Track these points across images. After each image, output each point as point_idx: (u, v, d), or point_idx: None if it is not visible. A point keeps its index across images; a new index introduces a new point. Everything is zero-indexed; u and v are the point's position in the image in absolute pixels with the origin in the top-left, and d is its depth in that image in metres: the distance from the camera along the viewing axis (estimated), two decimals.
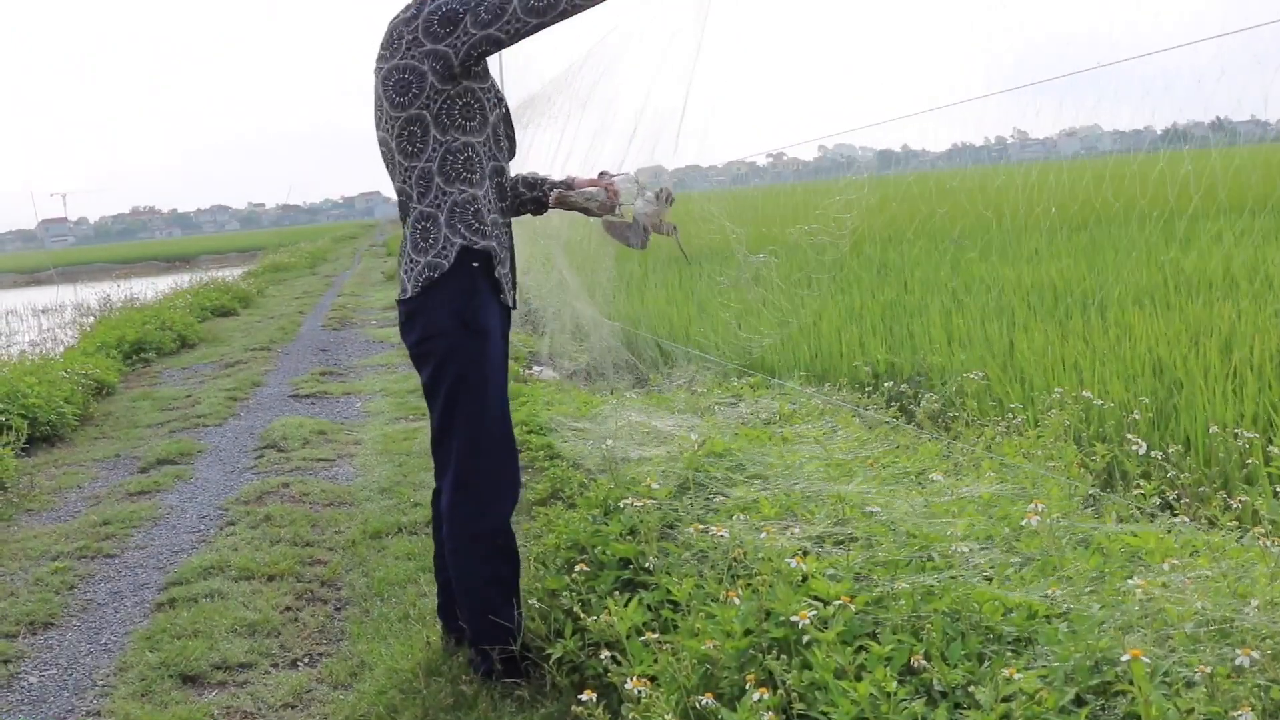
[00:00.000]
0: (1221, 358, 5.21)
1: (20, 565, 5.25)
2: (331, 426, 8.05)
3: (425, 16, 3.23)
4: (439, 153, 3.32)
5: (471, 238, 3.34)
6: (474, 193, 3.36)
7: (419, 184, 3.36)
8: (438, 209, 3.34)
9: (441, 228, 3.33)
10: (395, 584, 4.61)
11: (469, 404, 3.36)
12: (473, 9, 3.17)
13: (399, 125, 3.33)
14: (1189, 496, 4.18)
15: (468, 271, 3.34)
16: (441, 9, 3.21)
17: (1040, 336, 6.29)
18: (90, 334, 13.18)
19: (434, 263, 3.33)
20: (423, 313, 3.38)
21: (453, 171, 3.33)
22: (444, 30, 3.20)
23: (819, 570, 3.02)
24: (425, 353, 3.42)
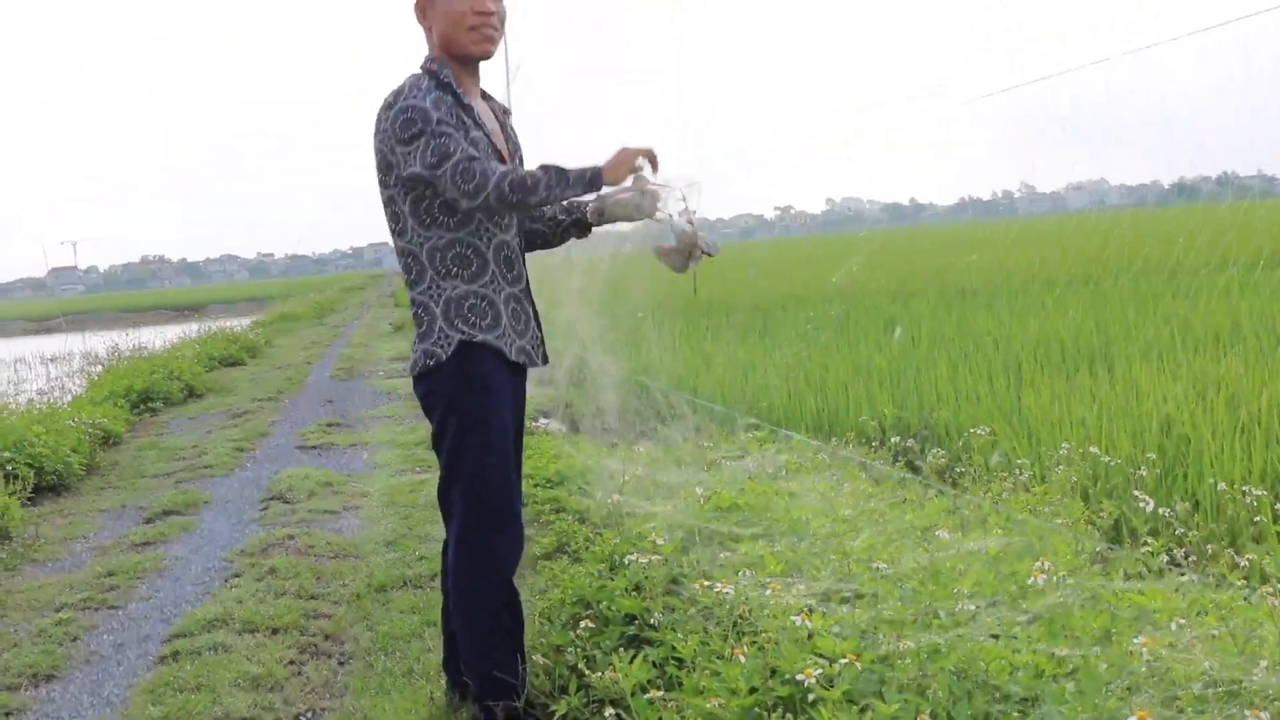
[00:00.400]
0: (1229, 413, 5.21)
1: (24, 616, 5.24)
2: (338, 478, 8.04)
3: (395, 112, 3.21)
4: (424, 245, 3.31)
5: (470, 331, 3.31)
6: (470, 288, 3.32)
7: (410, 265, 3.36)
8: (432, 300, 3.33)
9: (437, 319, 3.32)
10: (400, 638, 4.59)
11: (472, 457, 3.36)
12: (427, 137, 3.15)
13: (384, 201, 3.37)
14: (1197, 554, 4.16)
15: (468, 359, 3.32)
16: (408, 113, 3.19)
17: (1047, 391, 6.28)
18: (98, 383, 13.20)
19: (432, 351, 3.33)
20: (429, 374, 3.39)
21: (443, 267, 3.31)
22: (405, 134, 3.18)
23: (824, 628, 3.00)
24: (432, 404, 3.42)
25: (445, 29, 3.36)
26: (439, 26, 3.36)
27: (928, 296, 10.24)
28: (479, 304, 3.33)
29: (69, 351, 23.45)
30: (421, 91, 3.22)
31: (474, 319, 3.31)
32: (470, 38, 3.37)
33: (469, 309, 3.31)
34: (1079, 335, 7.73)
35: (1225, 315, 7.45)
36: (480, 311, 3.33)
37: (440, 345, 3.31)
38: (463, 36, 3.36)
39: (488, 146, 3.35)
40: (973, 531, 4.16)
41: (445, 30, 3.36)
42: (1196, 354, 6.47)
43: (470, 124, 3.30)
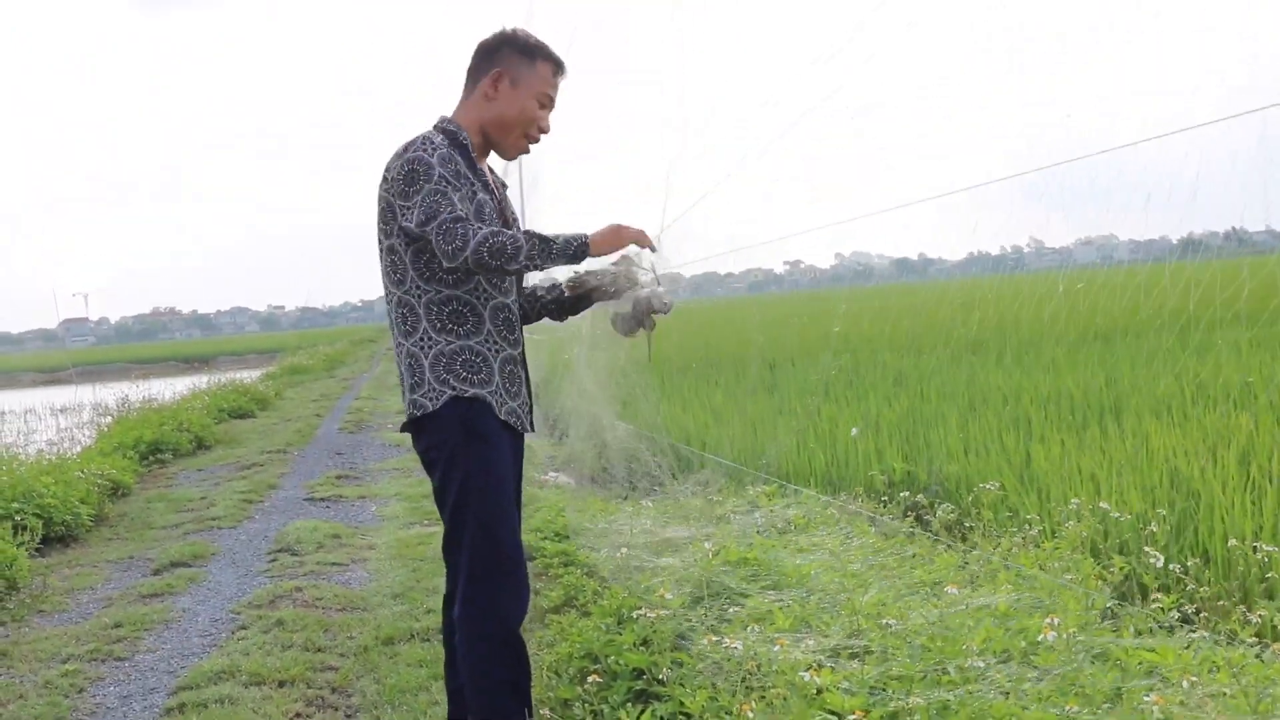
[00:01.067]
0: (1240, 469, 5.19)
1: (30, 667, 5.23)
2: (346, 530, 8.03)
3: (400, 165, 3.24)
4: (422, 297, 3.31)
5: (460, 387, 3.30)
6: (465, 343, 3.32)
7: (405, 315, 3.35)
8: (422, 352, 3.32)
9: (426, 372, 3.32)
10: (407, 691, 4.57)
11: (477, 509, 3.35)
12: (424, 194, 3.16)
13: (384, 250, 3.35)
14: (1208, 610, 4.14)
15: (464, 412, 3.31)
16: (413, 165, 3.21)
17: (1057, 447, 6.28)
18: (107, 434, 13.23)
19: (420, 402, 3.32)
20: (425, 429, 3.38)
21: (439, 321, 3.31)
22: (407, 187, 3.20)
23: (833, 683, 2.99)
24: (433, 460, 3.41)
25: (506, 115, 3.40)
26: (503, 109, 3.40)
27: (936, 351, 10.25)
28: (472, 359, 3.32)
29: (79, 402, 23.51)
30: (432, 147, 3.25)
31: (465, 374, 3.31)
32: (518, 144, 3.47)
33: (461, 364, 3.31)
34: (1088, 390, 7.72)
35: (1235, 371, 7.45)
36: (473, 367, 3.32)
37: (429, 397, 3.31)
38: (513, 137, 3.44)
39: (494, 210, 3.38)
40: (982, 587, 4.14)
41: (505, 116, 3.40)
42: (1207, 409, 6.46)
43: (479, 186, 3.33)
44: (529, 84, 3.40)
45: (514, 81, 3.39)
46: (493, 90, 3.40)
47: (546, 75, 3.44)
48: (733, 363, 13.63)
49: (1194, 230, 4.09)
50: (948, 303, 5.74)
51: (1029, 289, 5.41)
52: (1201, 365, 7.60)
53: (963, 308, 5.68)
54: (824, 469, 7.58)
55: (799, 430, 8.32)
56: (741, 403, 10.33)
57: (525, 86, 3.40)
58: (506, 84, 3.39)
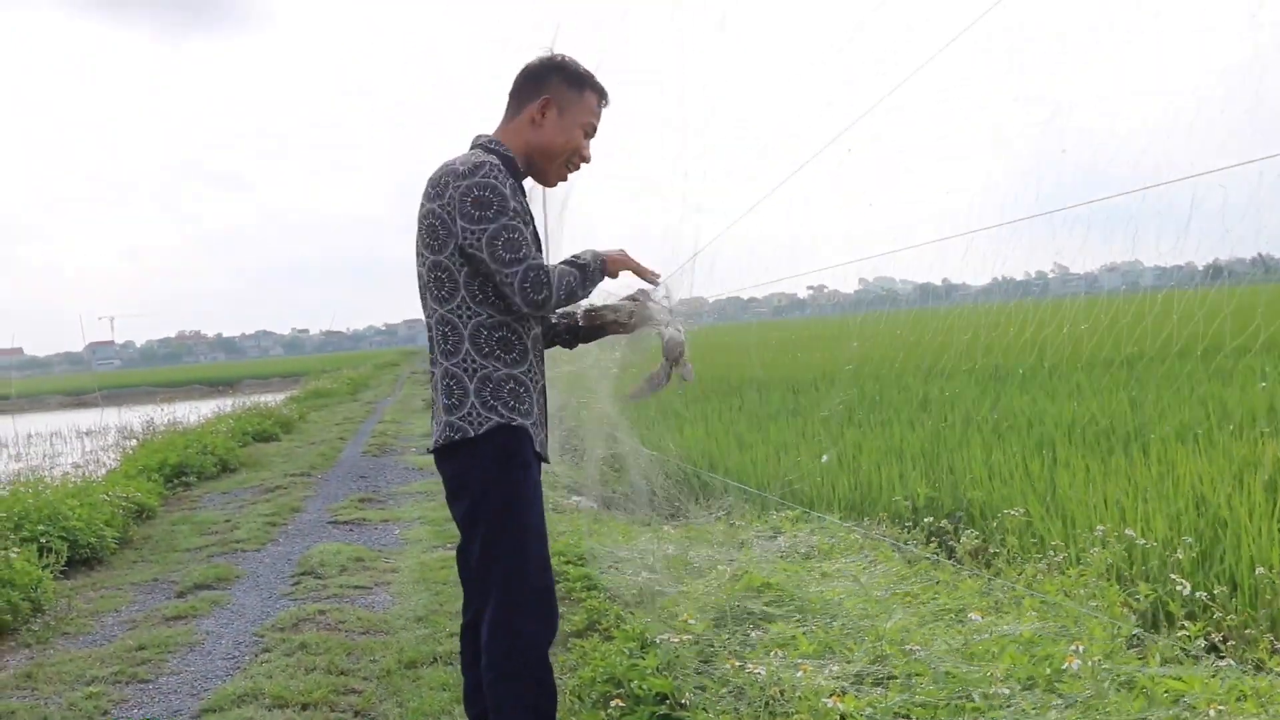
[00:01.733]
0: (1266, 496, 5.16)
1: (55, 689, 5.25)
2: (369, 554, 8.05)
3: (469, 185, 3.18)
4: (471, 319, 3.27)
5: (508, 415, 3.27)
6: (511, 372, 3.30)
7: (447, 335, 3.31)
8: (466, 374, 3.28)
9: (470, 395, 3.27)
10: (429, 715, 4.57)
11: (513, 535, 3.32)
12: (500, 226, 3.14)
13: (430, 266, 3.29)
14: (1235, 639, 4.11)
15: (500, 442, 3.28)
16: (485, 192, 3.17)
17: (1082, 473, 6.25)
18: (132, 457, 13.29)
19: (459, 426, 3.28)
20: (460, 453, 3.35)
21: (486, 346, 3.28)
22: (477, 213, 3.16)
23: (857, 710, 2.98)
24: (465, 484, 3.37)
25: (554, 144, 3.40)
26: (550, 137, 3.39)
27: (960, 377, 10.23)
28: (517, 389, 3.29)
29: (104, 425, 23.66)
30: (500, 174, 3.20)
31: (513, 403, 3.27)
32: (559, 171, 3.47)
33: (508, 392, 3.28)
34: (1114, 416, 7.69)
35: (1262, 397, 7.41)
36: (520, 397, 3.29)
37: (470, 422, 3.26)
38: (555, 165, 3.44)
39: (533, 238, 3.39)
40: (1007, 614, 4.13)
41: (553, 145, 3.40)
42: (1233, 436, 6.42)
43: (529, 217, 3.33)
44: (575, 113, 3.40)
45: (561, 110, 3.38)
46: (540, 117, 3.38)
47: (592, 105, 3.44)
48: (756, 387, 13.63)
49: (1220, 257, 4.07)
50: (972, 328, 5.73)
51: (1053, 315, 5.39)
52: (1227, 392, 7.56)
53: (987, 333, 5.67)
54: (847, 494, 7.56)
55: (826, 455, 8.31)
56: (765, 427, 10.33)
57: (572, 115, 3.40)
58: (554, 112, 3.38)
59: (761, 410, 11.79)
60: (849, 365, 7.88)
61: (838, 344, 13.22)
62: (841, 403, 9.66)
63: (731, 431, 10.57)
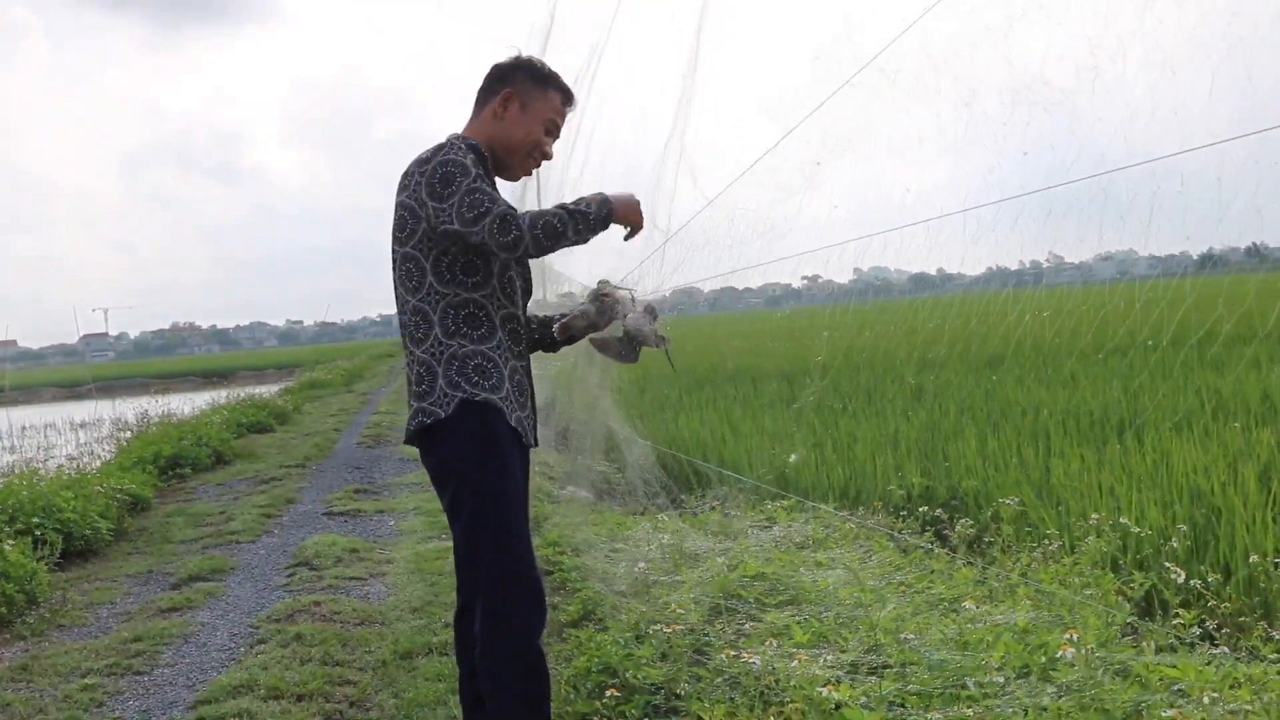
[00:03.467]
0: (1260, 485, 5.17)
1: (50, 682, 5.24)
2: (364, 545, 8.04)
3: (432, 168, 3.23)
4: (439, 302, 3.30)
5: (471, 390, 3.27)
6: (477, 348, 3.31)
7: (418, 324, 3.34)
8: (434, 359, 3.30)
9: (439, 378, 3.29)
10: (425, 705, 4.57)
11: (493, 523, 3.31)
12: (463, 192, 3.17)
13: (399, 259, 3.36)
14: (1229, 626, 4.12)
15: (476, 422, 3.29)
16: (448, 168, 3.21)
17: (1076, 461, 6.26)
18: (127, 449, 13.27)
19: (430, 410, 3.29)
20: (435, 441, 3.37)
21: (453, 325, 3.30)
22: (442, 189, 3.20)
23: (852, 699, 2.98)
24: (445, 473, 3.38)
25: (514, 138, 3.44)
26: (510, 130, 3.43)
27: (955, 366, 10.23)
28: (484, 364, 3.30)
29: (99, 417, 23.60)
30: (462, 151, 3.26)
31: (477, 378, 3.28)
32: (524, 164, 3.50)
33: (473, 368, 3.29)
34: (1108, 405, 7.70)
35: (1256, 387, 7.42)
36: (485, 372, 3.30)
37: (439, 405, 3.27)
38: (519, 159, 3.47)
39: None
40: (1002, 603, 4.13)
41: (513, 138, 3.44)
42: (1227, 425, 6.43)
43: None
44: (538, 109, 3.45)
45: (524, 105, 3.43)
46: (501, 110, 3.44)
47: (555, 103, 3.49)
48: (750, 377, 13.63)
49: (1214, 246, 4.07)
50: (966, 317, 5.72)
51: (1048, 304, 5.39)
52: (1222, 381, 7.57)
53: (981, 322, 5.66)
54: (842, 484, 7.57)
55: (817, 445, 8.31)
56: (759, 417, 10.33)
57: (534, 112, 3.45)
58: (516, 106, 3.43)
59: (756, 400, 11.80)
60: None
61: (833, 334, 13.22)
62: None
63: (726, 420, 10.57)
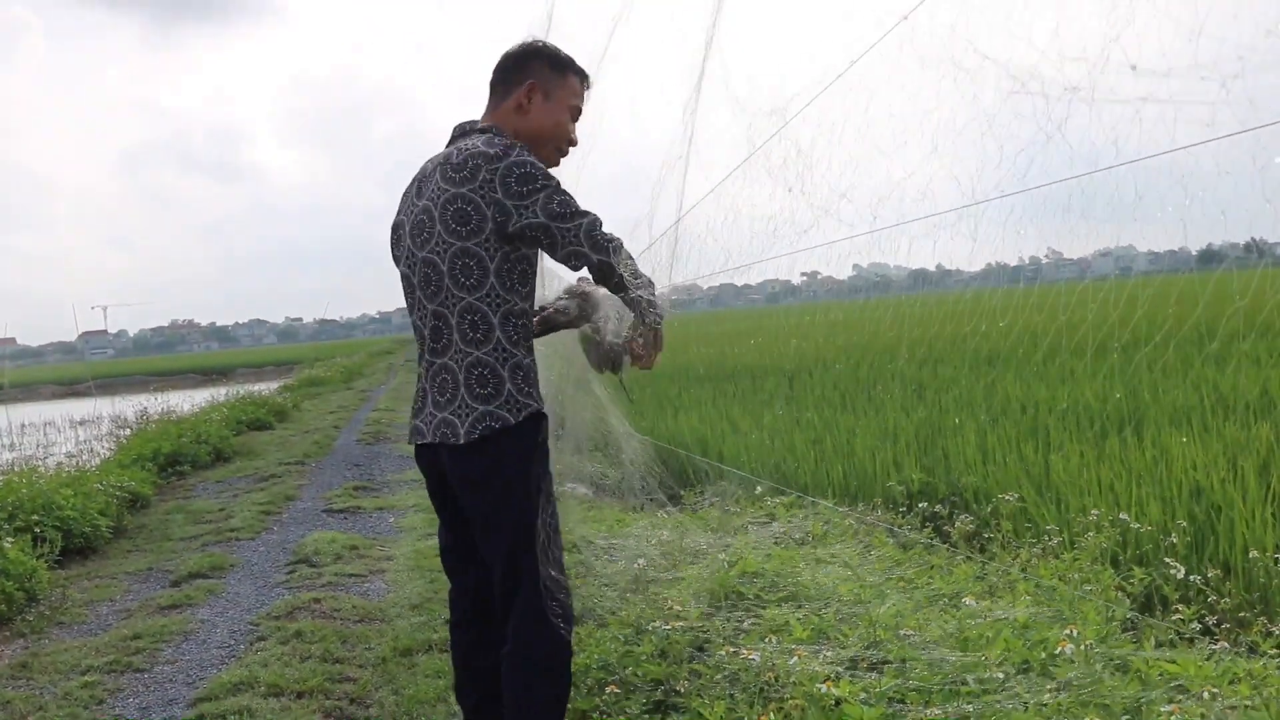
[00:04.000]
0: (1259, 480, 5.17)
1: (50, 679, 5.24)
2: (364, 542, 8.05)
3: (508, 165, 3.09)
4: (500, 307, 3.18)
5: (539, 404, 3.23)
6: (530, 359, 3.26)
7: (477, 323, 3.19)
8: (499, 363, 3.18)
9: (506, 383, 3.17)
10: (425, 702, 4.57)
11: (544, 530, 3.24)
12: (550, 191, 3.09)
13: (455, 253, 3.16)
14: (1229, 622, 4.13)
15: (534, 429, 3.22)
16: (527, 168, 3.10)
17: (1076, 457, 6.26)
18: (126, 446, 13.27)
19: (499, 415, 3.16)
20: (494, 446, 3.21)
21: (514, 334, 3.21)
22: (523, 187, 3.08)
23: (851, 695, 2.99)
24: (496, 473, 3.23)
25: (543, 129, 3.36)
26: (538, 121, 3.35)
27: (954, 362, 10.23)
28: (533, 376, 3.26)
29: (98, 415, 23.62)
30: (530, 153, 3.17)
31: (533, 391, 3.23)
32: (549, 156, 3.41)
33: (532, 380, 3.23)
34: (1107, 401, 7.70)
35: (1255, 382, 7.42)
36: (534, 383, 3.25)
37: (510, 410, 3.16)
38: (548, 148, 3.39)
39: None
40: (1001, 598, 4.13)
41: (542, 129, 3.36)
42: (1226, 421, 6.44)
43: None
44: (561, 97, 3.37)
45: (547, 94, 3.34)
46: (526, 102, 3.34)
47: (575, 88, 3.41)
48: (749, 373, 13.64)
49: (1213, 242, 4.07)
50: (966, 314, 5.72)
51: (1047, 300, 5.39)
52: (1221, 377, 7.58)
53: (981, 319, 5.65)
54: (841, 480, 7.57)
55: (817, 441, 8.32)
56: (758, 413, 10.33)
57: (558, 100, 3.36)
58: (540, 97, 3.34)
59: (755, 396, 11.80)
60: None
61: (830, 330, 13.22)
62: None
63: (726, 416, 10.57)
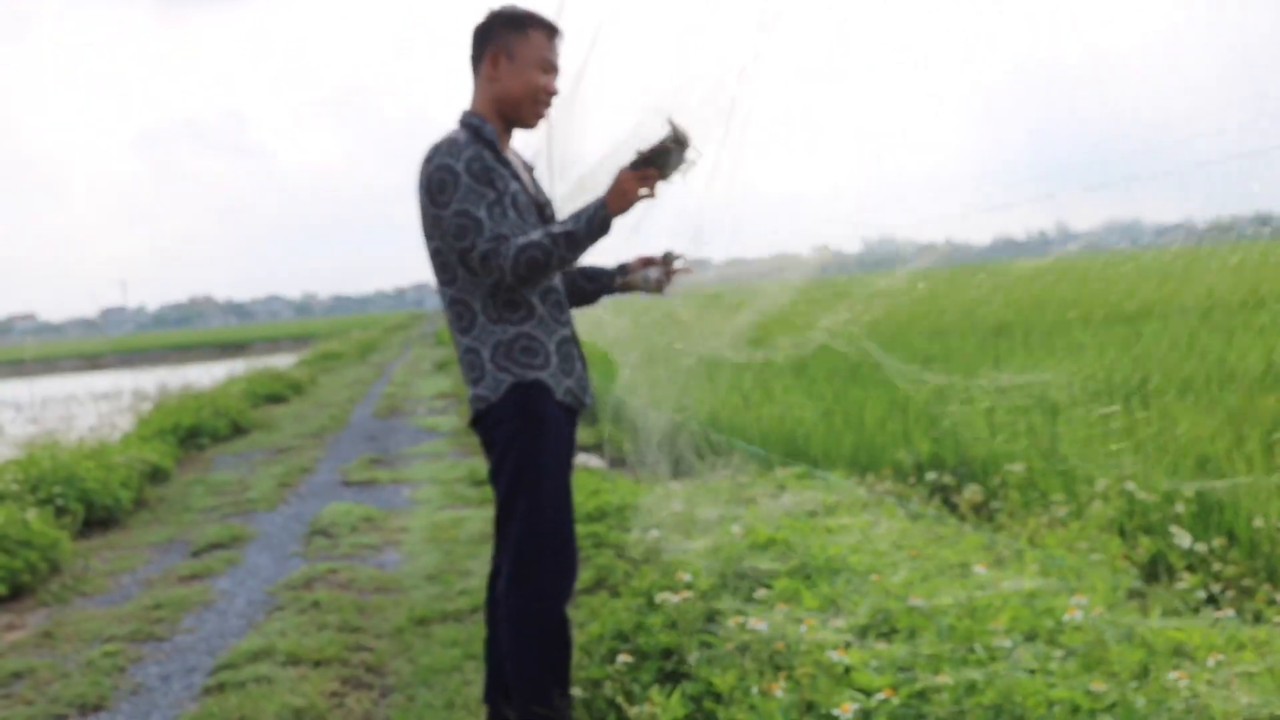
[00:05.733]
0: (1264, 450, 5.19)
1: (73, 647, 5.33)
2: (380, 514, 8.12)
3: (430, 170, 3.27)
4: (476, 291, 3.33)
5: (520, 372, 3.33)
6: (520, 329, 3.34)
7: (461, 313, 3.37)
8: (481, 345, 3.35)
9: (486, 363, 3.34)
10: (441, 671, 4.64)
11: (528, 492, 3.36)
12: (453, 212, 3.21)
13: (430, 252, 3.38)
14: (1234, 590, 4.16)
15: (516, 399, 3.34)
16: (441, 176, 3.24)
17: (1083, 429, 6.27)
18: (147, 419, 13.36)
19: (483, 396, 3.36)
20: (487, 421, 3.41)
21: (494, 312, 3.33)
22: (439, 197, 3.24)
23: (861, 663, 3.03)
24: (492, 439, 3.43)
25: (513, 91, 3.39)
26: (507, 85, 3.39)
27: (963, 334, 10.23)
28: (530, 344, 3.34)
29: (119, 389, 23.68)
30: (458, 147, 3.26)
31: (524, 360, 3.33)
32: (534, 110, 3.45)
33: (520, 350, 3.33)
34: (1114, 372, 7.70)
35: (1261, 353, 7.42)
36: (531, 351, 3.34)
37: (489, 389, 3.34)
38: (527, 107, 3.43)
39: (528, 202, 3.41)
40: (1009, 567, 4.17)
41: (513, 92, 3.39)
42: (1233, 391, 6.44)
43: (508, 176, 3.35)
44: (525, 55, 3.39)
45: (510, 55, 3.38)
46: (493, 70, 3.39)
47: (541, 42, 3.41)
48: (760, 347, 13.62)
49: (1221, 214, 4.09)
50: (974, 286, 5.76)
51: (1055, 272, 5.42)
52: (1228, 347, 7.57)
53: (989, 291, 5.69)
54: (851, 452, 7.59)
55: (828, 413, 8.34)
56: (770, 386, 10.35)
57: (522, 58, 3.38)
58: (505, 60, 3.38)
59: (766, 369, 11.80)
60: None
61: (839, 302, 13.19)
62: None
63: (737, 389, 10.59)
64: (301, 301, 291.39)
